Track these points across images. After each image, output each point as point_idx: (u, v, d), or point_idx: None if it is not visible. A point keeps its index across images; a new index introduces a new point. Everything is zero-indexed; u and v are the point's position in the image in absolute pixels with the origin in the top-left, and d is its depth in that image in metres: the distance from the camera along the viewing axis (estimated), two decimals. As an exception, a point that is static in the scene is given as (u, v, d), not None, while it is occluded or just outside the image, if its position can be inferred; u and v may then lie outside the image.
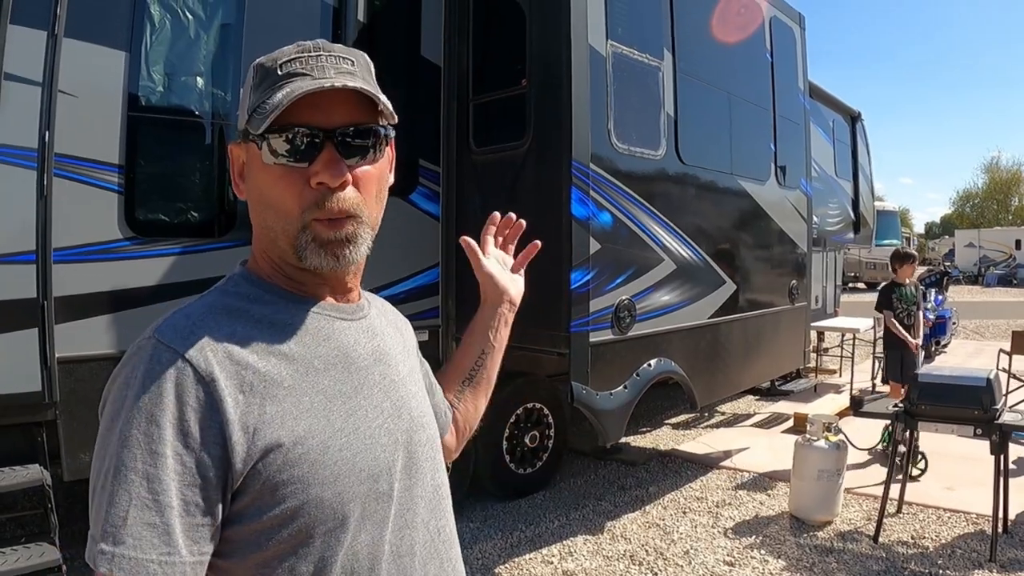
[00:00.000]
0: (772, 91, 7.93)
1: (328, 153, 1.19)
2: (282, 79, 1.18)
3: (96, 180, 4.28)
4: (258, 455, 1.11)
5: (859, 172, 14.33)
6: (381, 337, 1.40)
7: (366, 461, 1.22)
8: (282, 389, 1.17)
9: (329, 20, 5.34)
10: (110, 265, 4.36)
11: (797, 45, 8.65)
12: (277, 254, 1.28)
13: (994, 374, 5.59)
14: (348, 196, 1.22)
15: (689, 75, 6.46)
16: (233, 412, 1.10)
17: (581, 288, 5.26)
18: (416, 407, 1.40)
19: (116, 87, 4.36)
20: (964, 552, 5.46)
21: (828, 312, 13.05)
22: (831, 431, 6.10)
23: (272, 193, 1.22)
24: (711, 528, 5.97)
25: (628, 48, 5.74)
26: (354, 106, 1.23)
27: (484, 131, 5.96)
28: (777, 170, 7.94)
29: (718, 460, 7.66)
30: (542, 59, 5.48)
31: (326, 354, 1.26)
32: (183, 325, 1.17)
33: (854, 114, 14.38)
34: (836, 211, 13.22)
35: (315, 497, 1.15)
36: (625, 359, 5.73)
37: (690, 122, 6.44)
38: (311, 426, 1.17)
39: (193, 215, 4.80)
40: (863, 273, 35.89)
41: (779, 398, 10.47)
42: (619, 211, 5.60)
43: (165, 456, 1.06)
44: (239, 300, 1.26)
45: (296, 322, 1.26)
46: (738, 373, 7.42)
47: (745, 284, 7.27)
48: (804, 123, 8.82)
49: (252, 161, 1.25)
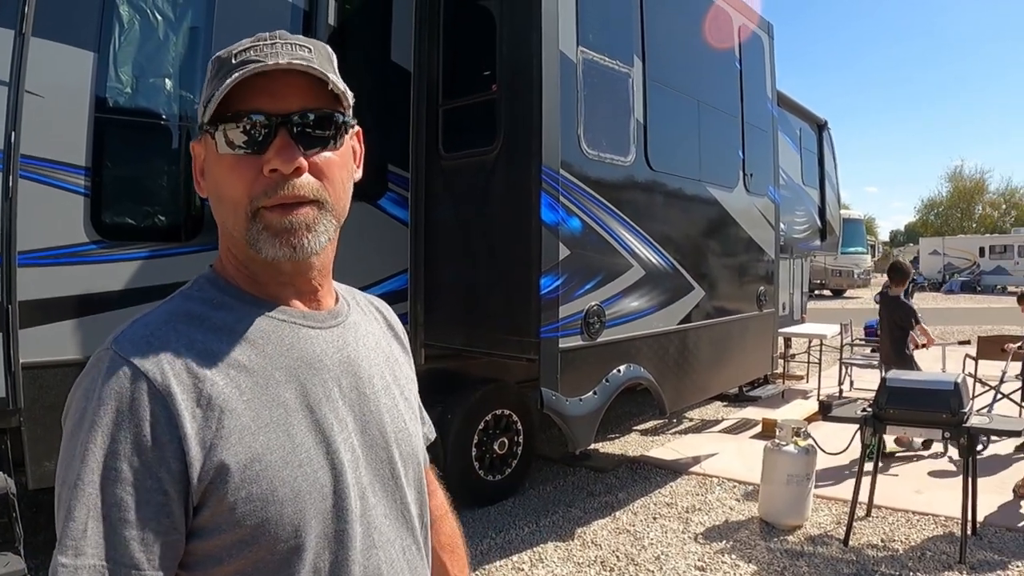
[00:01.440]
0: (741, 98, 7.99)
1: (281, 139, 1.16)
2: (235, 67, 1.15)
3: (62, 182, 4.24)
4: (215, 471, 1.08)
5: (826, 180, 14.46)
6: (354, 347, 1.34)
7: (328, 478, 1.19)
8: (241, 402, 1.14)
9: (299, 23, 5.32)
10: (76, 269, 4.31)
11: (766, 53, 8.73)
12: (238, 251, 1.24)
13: (962, 378, 5.64)
14: (305, 182, 1.18)
15: (659, 82, 6.49)
16: (190, 427, 1.08)
17: (550, 294, 5.26)
18: (391, 422, 1.34)
19: (83, 88, 4.33)
20: (934, 554, 5.50)
21: (795, 318, 13.17)
22: (800, 436, 6.13)
23: (225, 184, 1.18)
24: (681, 533, 5.97)
25: (598, 54, 5.76)
26: (309, 92, 1.19)
27: (454, 136, 5.94)
28: (745, 177, 8.00)
29: (687, 466, 7.67)
30: (512, 65, 5.48)
31: (289, 365, 1.21)
32: (141, 335, 1.14)
33: (821, 123, 14.51)
34: (803, 218, 13.33)
35: (275, 514, 1.12)
36: (594, 365, 5.74)
37: (659, 129, 6.46)
38: (270, 441, 1.14)
39: (160, 219, 4.75)
40: (829, 280, 36.20)
41: (747, 404, 10.53)
42: (588, 217, 5.61)
43: (123, 471, 1.04)
44: (202, 305, 1.22)
45: (259, 330, 1.22)
46: (707, 379, 7.45)
47: (713, 290, 7.31)
48: (772, 131, 8.89)
49: (209, 155, 1.22)
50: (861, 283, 36.78)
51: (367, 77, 5.85)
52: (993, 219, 69.27)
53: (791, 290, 12.84)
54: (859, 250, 35.74)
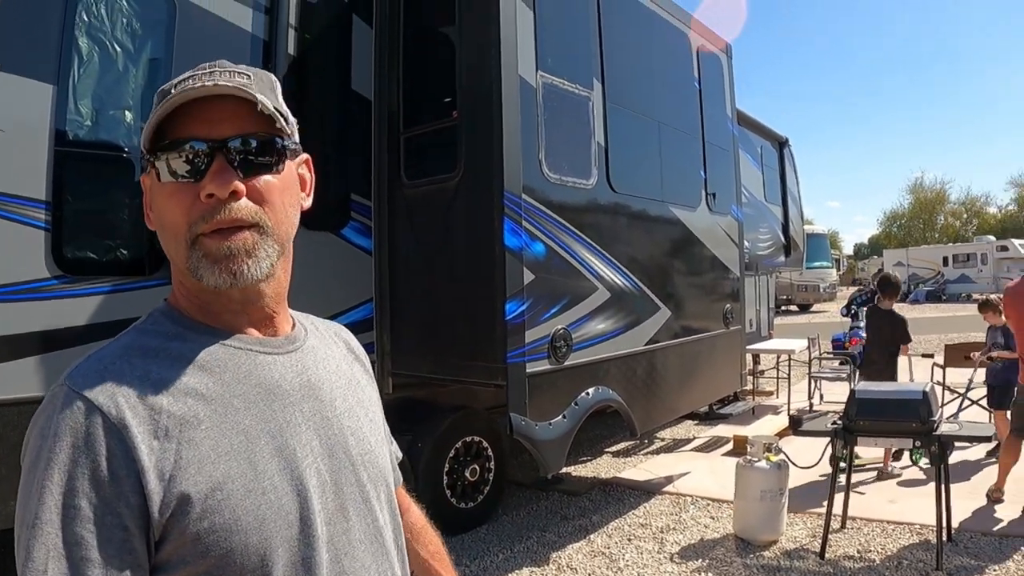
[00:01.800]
0: (701, 119, 8.06)
1: (218, 164, 1.15)
2: (174, 96, 1.15)
3: (22, 217, 4.18)
4: (176, 503, 1.06)
5: (788, 196, 14.60)
6: (314, 370, 1.32)
7: (292, 505, 1.17)
8: (199, 431, 1.11)
9: (259, 53, 5.31)
10: (37, 304, 4.25)
11: (725, 73, 8.82)
12: (188, 281, 1.23)
13: (930, 387, 5.70)
14: (242, 206, 1.17)
15: (619, 104, 6.53)
16: (148, 459, 1.06)
17: (516, 319, 5.25)
18: (356, 444, 1.32)
19: (43, 121, 4.28)
20: (911, 562, 5.52)
21: (763, 335, 13.24)
22: (772, 451, 6.15)
23: (165, 213, 1.18)
24: (657, 554, 5.96)
25: (558, 78, 5.78)
26: (248, 118, 1.19)
27: (416, 164, 5.94)
28: (708, 196, 8.05)
29: (660, 486, 7.66)
30: (472, 91, 5.49)
31: (246, 392, 1.20)
32: (94, 370, 1.12)
33: (781, 140, 14.66)
34: (767, 235, 13.43)
35: (239, 544, 1.09)
36: (563, 388, 5.73)
37: (621, 151, 6.50)
38: (231, 469, 1.12)
39: (122, 252, 4.70)
40: (795, 295, 36.44)
41: (718, 422, 10.55)
42: (552, 241, 5.62)
43: (81, 508, 1.02)
44: (156, 338, 1.21)
45: (215, 359, 1.20)
46: (676, 398, 7.47)
47: (680, 310, 7.33)
48: (733, 149, 8.97)
49: (153, 185, 1.21)
50: (827, 297, 37.04)
51: (328, 106, 5.84)
52: (955, 228, 70.35)
53: (758, 307, 12.92)
54: (824, 264, 36.02)
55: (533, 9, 5.57)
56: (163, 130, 1.16)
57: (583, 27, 6.29)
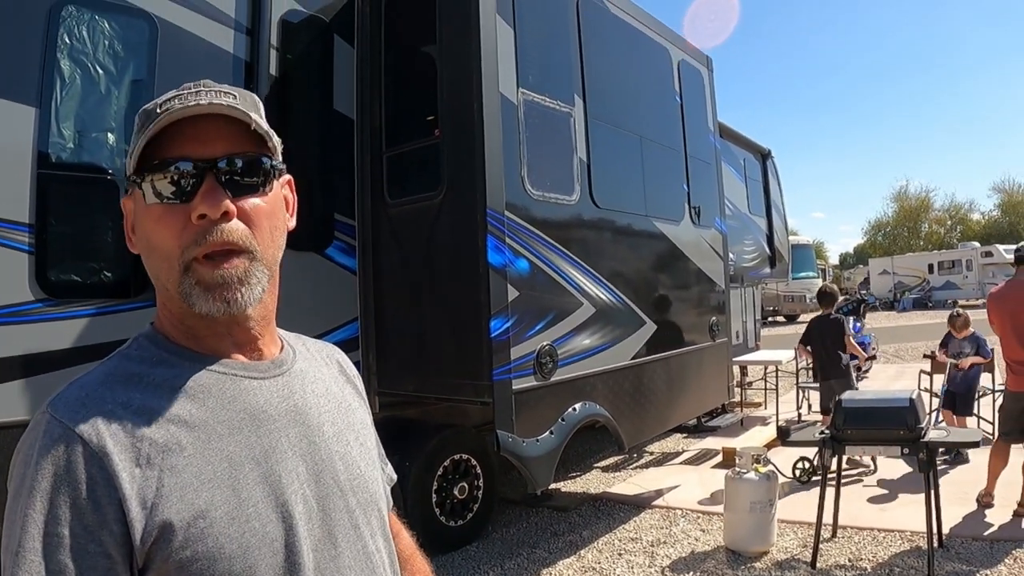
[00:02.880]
0: (683, 133, 8.09)
1: (208, 184, 1.15)
2: (159, 116, 1.15)
3: (5, 240, 4.19)
4: (158, 531, 1.06)
5: (772, 208, 14.65)
6: (301, 395, 1.31)
7: (278, 532, 1.16)
8: (182, 459, 1.11)
9: (241, 74, 5.32)
10: (21, 328, 4.25)
11: (706, 87, 8.87)
12: (173, 305, 1.22)
13: (916, 394, 5.72)
14: (234, 228, 1.17)
15: (600, 120, 6.55)
16: (129, 487, 1.05)
17: (501, 336, 5.25)
18: (345, 470, 1.31)
19: (25, 144, 4.29)
20: (902, 570, 5.53)
21: (749, 346, 13.27)
22: (760, 462, 6.16)
23: (153, 236, 1.17)
24: (648, 568, 5.95)
25: (539, 95, 5.81)
26: (235, 138, 1.19)
27: (399, 183, 5.95)
28: (691, 210, 8.08)
29: (650, 500, 7.65)
30: (453, 109, 5.51)
31: (230, 418, 1.19)
32: (76, 397, 1.12)
33: (764, 152, 14.73)
34: (752, 247, 13.47)
35: (223, 572, 1.08)
36: (550, 405, 5.73)
37: (603, 166, 6.52)
38: (214, 497, 1.11)
39: (107, 275, 4.69)
40: (782, 306, 36.55)
41: (707, 434, 10.56)
42: (536, 257, 5.63)
43: (64, 537, 1.01)
44: (139, 364, 1.20)
45: (199, 385, 1.19)
46: (664, 412, 7.47)
47: (665, 324, 7.35)
48: (716, 162, 9.01)
49: (137, 208, 1.20)
50: (813, 307, 36.99)
51: (310, 126, 5.84)
52: (940, 235, 70.65)
53: (744, 318, 12.95)
54: (810, 275, 36.13)
55: (513, 26, 5.59)
56: (150, 151, 1.16)
57: (564, 43, 6.31)
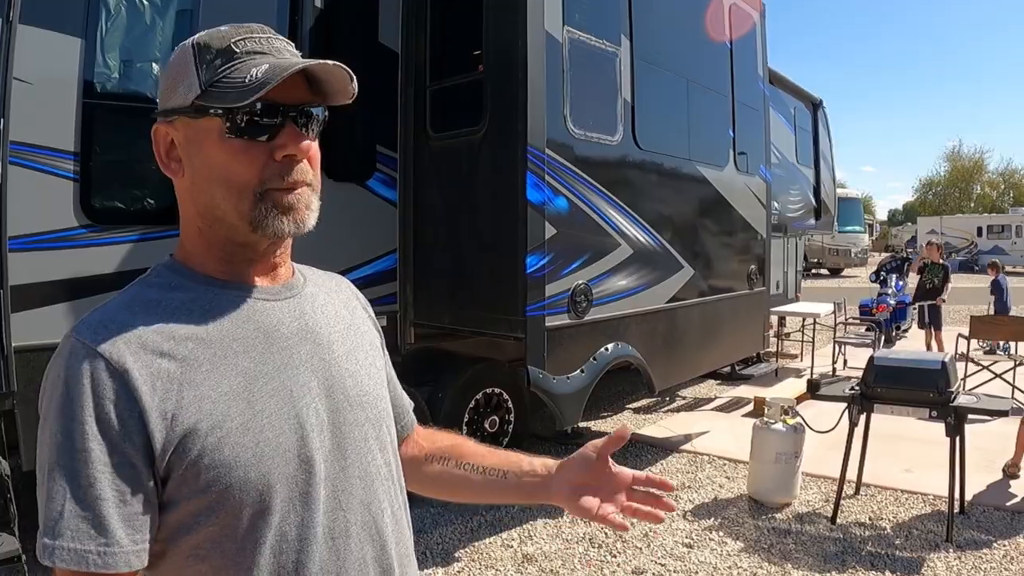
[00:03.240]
0: (731, 78, 7.97)
1: (291, 128, 1.23)
2: (244, 56, 1.21)
3: (51, 168, 4.26)
4: (178, 440, 1.13)
5: (820, 159, 14.44)
6: (311, 315, 1.37)
7: (291, 441, 1.22)
8: (199, 373, 1.18)
9: (286, 6, 5.31)
10: (66, 253, 4.34)
11: (757, 32, 8.71)
12: (220, 232, 1.28)
13: (949, 357, 5.67)
14: (306, 168, 1.27)
15: (647, 61, 6.48)
16: (150, 400, 1.12)
17: (537, 273, 5.28)
18: (354, 386, 1.37)
19: (71, 74, 4.33)
20: (921, 533, 5.54)
21: (789, 297, 13.18)
22: (789, 414, 6.17)
23: (232, 167, 1.22)
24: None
25: (585, 34, 5.75)
26: (304, 88, 1.26)
27: (441, 117, 5.95)
28: (736, 156, 8.00)
29: (678, 444, 7.71)
30: (498, 45, 5.48)
31: (245, 335, 1.25)
32: (98, 321, 1.19)
33: (816, 101, 14.48)
34: (797, 197, 13.32)
35: (239, 479, 1.16)
36: (582, 343, 5.77)
37: (647, 108, 6.46)
38: (230, 409, 1.18)
39: (149, 202, 4.76)
40: (826, 259, 36.15)
41: (740, 382, 10.56)
42: (575, 196, 5.63)
43: (91, 451, 1.08)
44: (159, 290, 1.26)
45: (215, 306, 1.26)
46: (696, 357, 7.49)
47: (703, 269, 7.33)
48: (763, 110, 8.88)
49: (203, 137, 1.24)
50: (858, 262, 36.69)
51: (354, 59, 5.80)
52: (992, 199, 69.11)
53: (785, 269, 12.85)
54: (856, 229, 35.68)
55: (560, -37, 5.53)
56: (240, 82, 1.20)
57: (612, -18, 6.23)
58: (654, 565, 5.12)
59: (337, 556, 1.27)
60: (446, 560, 5.19)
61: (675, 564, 5.13)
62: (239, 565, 1.18)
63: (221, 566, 1.18)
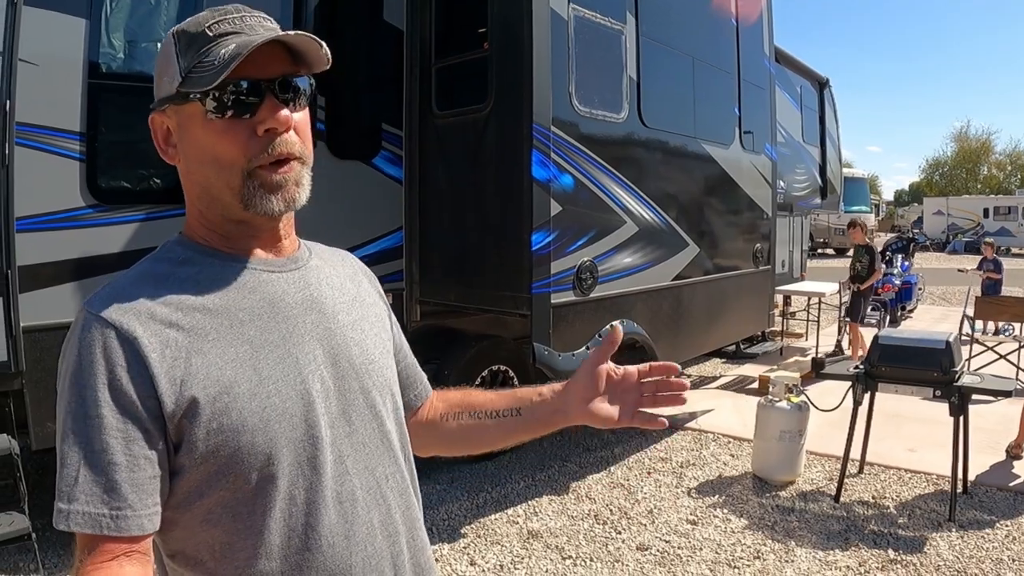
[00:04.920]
0: (737, 55, 7.94)
1: (270, 101, 1.24)
2: (216, 39, 1.22)
3: (57, 148, 4.28)
4: (187, 405, 1.16)
5: (827, 138, 14.36)
6: (316, 287, 1.40)
7: (297, 408, 1.26)
8: (207, 342, 1.21)
9: (292, -16, 5.31)
10: (73, 233, 4.37)
11: (763, 10, 8.67)
12: (217, 212, 1.31)
13: (954, 337, 5.66)
14: (292, 139, 1.27)
15: (652, 39, 6.45)
16: (159, 367, 1.16)
17: (542, 250, 5.29)
18: (360, 355, 1.40)
19: (76, 55, 4.36)
20: (924, 512, 5.57)
21: (795, 276, 13.15)
22: (793, 392, 6.18)
23: (217, 147, 1.25)
24: (675, 488, 6.06)
25: (590, 11, 5.73)
26: (284, 60, 1.27)
27: (446, 95, 5.95)
28: (741, 134, 7.98)
29: (683, 421, 7.74)
30: (503, 22, 5.46)
31: (251, 305, 1.28)
32: (109, 294, 1.22)
33: (822, 80, 14.39)
34: (803, 177, 13.27)
35: (246, 444, 1.19)
36: (587, 320, 5.78)
37: (653, 85, 6.44)
38: (237, 375, 1.21)
39: (156, 181, 4.79)
40: (832, 239, 36.06)
41: (745, 361, 10.60)
42: (580, 173, 5.63)
43: (104, 417, 1.12)
44: (168, 265, 1.30)
45: (222, 278, 1.29)
46: (701, 335, 7.50)
47: (708, 247, 7.32)
48: (769, 88, 8.85)
49: (189, 122, 1.27)
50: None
51: (360, 37, 5.84)
52: (999, 180, 68.82)
53: (791, 248, 12.81)
54: (863, 209, 35.48)
55: (566, -59, 5.51)
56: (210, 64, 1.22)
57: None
58: (658, 541, 5.15)
59: (345, 519, 1.30)
60: (452, 536, 5.23)
61: (679, 541, 5.16)
62: (250, 528, 1.22)
63: (233, 529, 1.22)
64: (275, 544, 1.23)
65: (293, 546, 1.24)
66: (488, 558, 4.93)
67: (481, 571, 4.78)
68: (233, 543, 1.22)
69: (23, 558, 4.73)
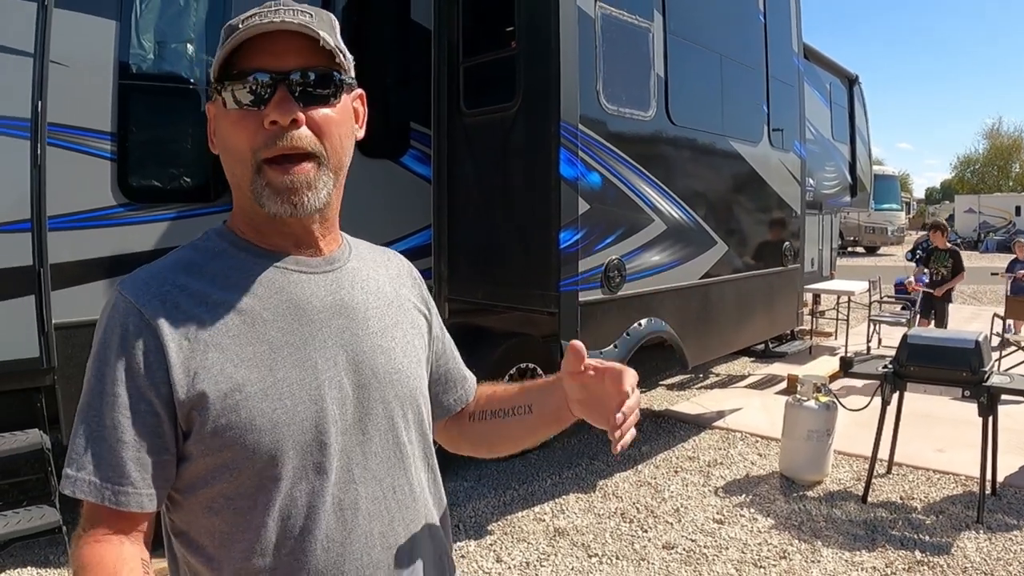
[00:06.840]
0: (765, 52, 7.90)
1: (280, 94, 1.23)
2: (241, 31, 1.24)
3: (89, 148, 4.34)
4: (197, 397, 1.19)
5: (856, 136, 14.28)
6: (349, 290, 1.40)
7: (308, 412, 1.27)
8: (227, 338, 1.24)
9: (321, -15, 5.34)
10: (104, 231, 4.42)
11: (792, 7, 8.62)
12: (244, 203, 1.33)
13: (984, 336, 5.59)
14: (302, 135, 1.25)
15: (680, 36, 6.43)
16: (176, 356, 1.19)
17: (570, 248, 5.29)
18: (385, 363, 1.40)
19: (107, 56, 4.41)
20: (952, 514, 5.51)
21: (824, 275, 13.09)
22: (821, 392, 6.15)
23: (231, 138, 1.27)
24: (702, 487, 6.04)
25: (617, 10, 5.72)
26: (309, 53, 1.26)
27: (474, 93, 5.96)
28: (770, 132, 7.93)
29: (711, 420, 7.72)
30: (531, 21, 5.47)
31: (276, 306, 1.30)
32: (142, 279, 1.27)
33: (852, 77, 14.31)
34: (833, 174, 13.20)
35: (253, 442, 1.22)
36: (615, 318, 5.77)
37: (681, 83, 6.42)
38: (251, 375, 1.23)
39: (186, 180, 4.84)
40: (862, 237, 35.83)
41: (774, 360, 10.55)
42: (608, 171, 5.62)
43: (118, 395, 1.17)
44: (203, 256, 1.33)
45: (251, 276, 1.31)
46: (729, 333, 7.47)
47: (736, 245, 7.29)
48: (798, 85, 8.79)
49: (217, 112, 1.31)
50: (895, 240, 36.33)
51: (388, 36, 5.87)
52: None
53: (820, 246, 12.75)
54: (893, 207, 35.24)
55: (593, -61, 5.51)
56: (231, 62, 1.25)
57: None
58: (685, 540, 5.14)
59: (344, 527, 1.30)
60: (479, 533, 5.25)
61: (706, 540, 5.15)
62: (248, 524, 1.25)
63: (232, 522, 1.25)
64: (270, 542, 1.25)
65: (287, 547, 1.26)
66: (514, 555, 4.95)
67: (507, 568, 4.79)
68: (232, 534, 1.25)
69: (53, 551, 4.81)
